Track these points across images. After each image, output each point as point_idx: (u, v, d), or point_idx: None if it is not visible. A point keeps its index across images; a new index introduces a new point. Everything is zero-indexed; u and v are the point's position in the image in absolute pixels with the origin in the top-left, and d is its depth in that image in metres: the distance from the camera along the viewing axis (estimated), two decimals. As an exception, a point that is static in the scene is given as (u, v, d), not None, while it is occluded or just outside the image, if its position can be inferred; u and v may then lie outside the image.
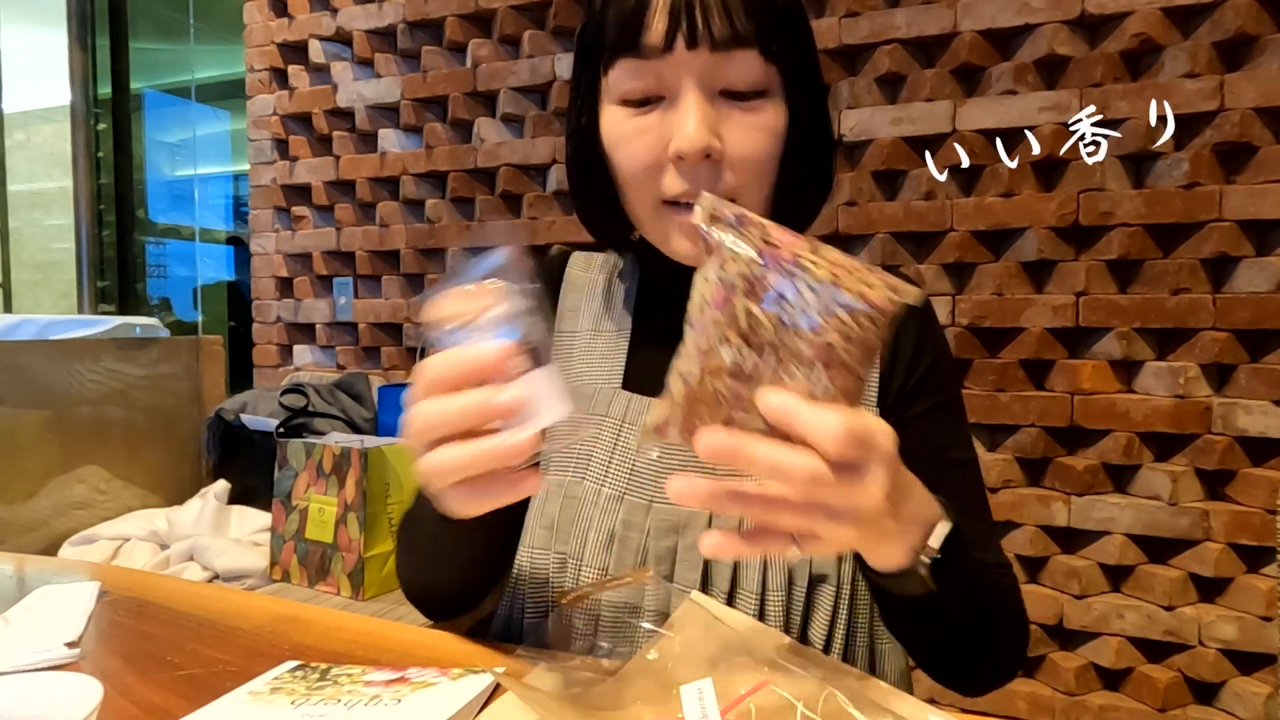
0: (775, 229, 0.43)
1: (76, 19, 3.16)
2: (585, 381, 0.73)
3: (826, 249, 0.43)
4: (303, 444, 1.72)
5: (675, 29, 0.59)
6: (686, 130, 0.60)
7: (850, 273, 0.41)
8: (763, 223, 0.44)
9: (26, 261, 3.52)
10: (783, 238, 0.43)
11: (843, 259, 0.42)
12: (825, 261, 0.42)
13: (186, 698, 0.56)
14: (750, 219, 0.44)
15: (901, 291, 0.42)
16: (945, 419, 0.71)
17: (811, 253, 0.42)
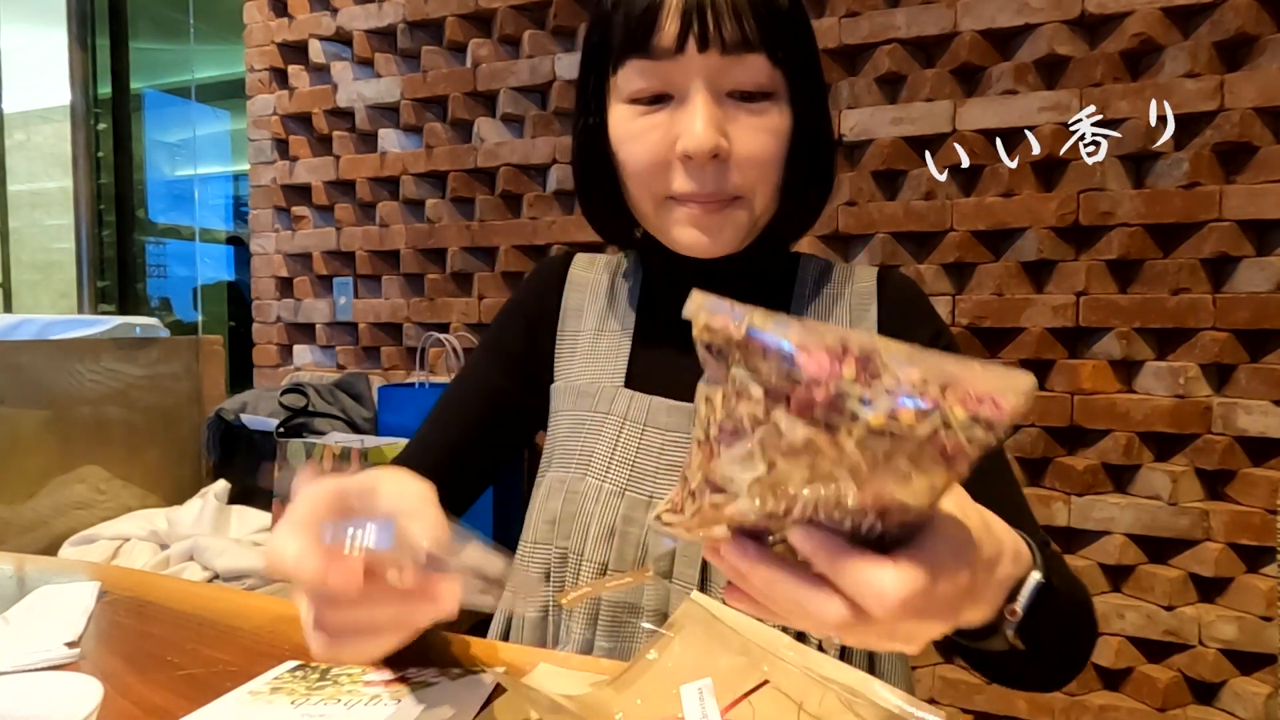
0: (797, 331, 0.33)
1: (76, 19, 3.16)
2: (589, 379, 0.74)
3: (881, 349, 0.32)
4: (303, 444, 1.72)
5: (687, 32, 0.60)
6: (695, 130, 0.61)
7: (925, 380, 0.31)
8: (784, 323, 0.34)
9: (26, 261, 3.52)
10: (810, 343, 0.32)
11: (911, 359, 0.32)
12: (888, 366, 0.31)
13: (186, 698, 0.56)
14: (760, 318, 0.34)
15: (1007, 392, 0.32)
16: None
17: (860, 366, 0.31)
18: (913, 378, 0.31)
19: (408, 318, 2.31)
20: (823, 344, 0.32)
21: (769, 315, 0.34)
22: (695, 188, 0.63)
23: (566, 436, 0.73)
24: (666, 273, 0.75)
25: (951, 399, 0.30)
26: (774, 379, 0.32)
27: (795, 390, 0.31)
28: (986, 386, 0.30)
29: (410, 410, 1.92)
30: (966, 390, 0.30)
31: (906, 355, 0.32)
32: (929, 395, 0.30)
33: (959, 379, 0.31)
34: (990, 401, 0.30)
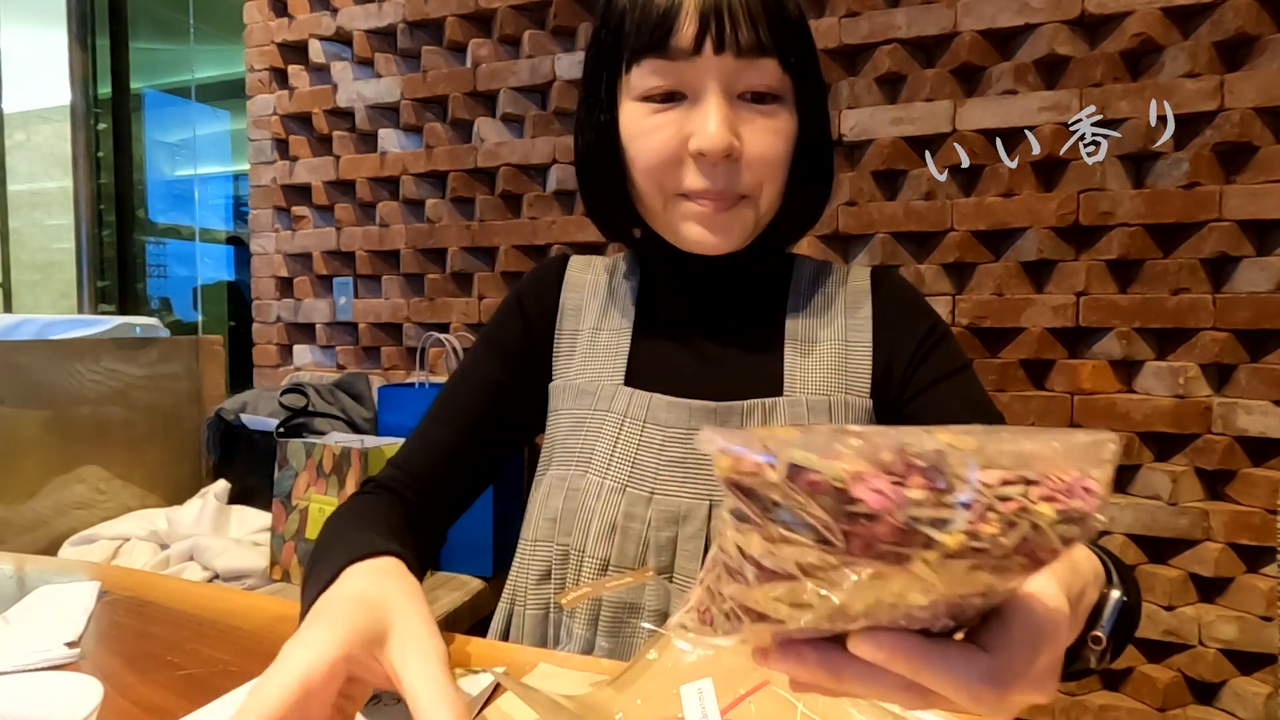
0: (847, 453, 0.27)
1: (76, 19, 3.16)
2: (588, 378, 0.74)
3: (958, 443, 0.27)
4: (303, 444, 1.72)
5: (704, 34, 0.62)
6: (709, 130, 0.63)
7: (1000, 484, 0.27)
8: (827, 443, 0.28)
9: (26, 261, 3.52)
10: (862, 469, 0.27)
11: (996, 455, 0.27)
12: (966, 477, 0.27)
13: (186, 698, 0.56)
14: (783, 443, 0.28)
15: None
16: (972, 379, 0.72)
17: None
18: (990, 481, 0.26)
19: (408, 318, 2.31)
20: (879, 463, 0.26)
21: (802, 436, 0.28)
22: (707, 185, 0.65)
23: (567, 434, 0.73)
24: (666, 271, 0.76)
25: (1037, 496, 0.27)
26: (827, 520, 0.27)
27: (855, 528, 0.26)
28: (1071, 466, 0.27)
29: (410, 410, 1.92)
30: (1051, 481, 0.27)
31: (977, 447, 0.27)
32: (1012, 501, 0.26)
33: (1040, 466, 0.27)
34: (1080, 489, 0.27)
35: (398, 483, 0.73)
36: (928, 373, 0.70)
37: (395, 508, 0.70)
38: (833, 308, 0.74)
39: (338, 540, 0.60)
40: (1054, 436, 0.28)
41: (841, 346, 0.72)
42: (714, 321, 0.74)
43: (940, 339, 0.72)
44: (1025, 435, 0.28)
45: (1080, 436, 0.28)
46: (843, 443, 0.27)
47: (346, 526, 0.64)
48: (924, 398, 0.70)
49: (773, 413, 0.69)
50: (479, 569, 1.74)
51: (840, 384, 0.71)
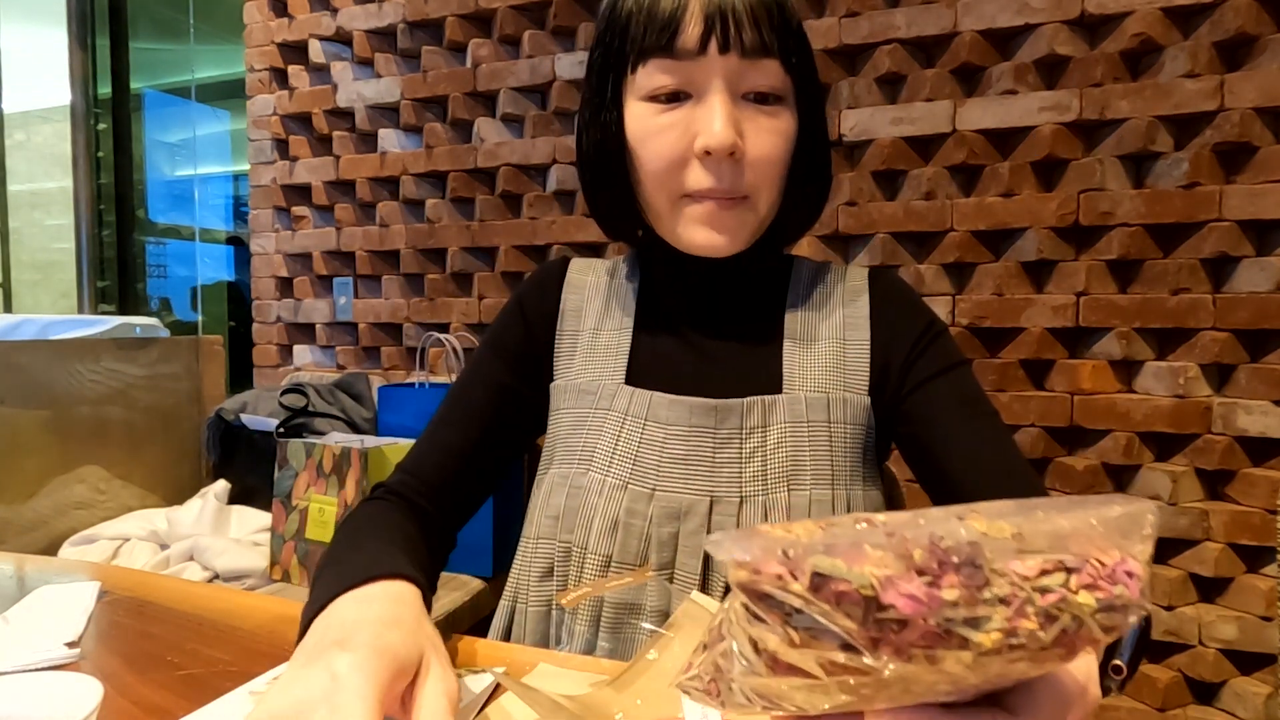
0: (875, 551, 0.25)
1: (76, 19, 3.16)
2: (589, 377, 0.75)
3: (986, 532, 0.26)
4: (303, 444, 1.72)
5: (709, 34, 0.64)
6: (714, 128, 0.64)
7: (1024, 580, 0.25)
8: (853, 542, 0.26)
9: (26, 261, 3.52)
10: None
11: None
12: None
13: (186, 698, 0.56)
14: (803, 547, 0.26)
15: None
16: (968, 376, 0.72)
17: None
18: (1029, 573, 0.24)
19: (408, 318, 2.31)
20: (911, 563, 0.24)
21: (824, 535, 0.26)
22: (712, 183, 0.66)
23: (569, 433, 0.74)
24: (666, 272, 0.76)
25: (1077, 585, 0.25)
26: (854, 628, 0.24)
27: (885, 635, 0.24)
28: (1110, 544, 0.25)
29: (410, 410, 1.92)
30: (1092, 565, 0.25)
31: (1013, 533, 0.25)
32: (1052, 593, 0.25)
33: (1079, 547, 0.25)
34: (1123, 573, 0.25)
35: (409, 489, 0.73)
36: (923, 369, 0.71)
37: (410, 516, 0.70)
38: (831, 306, 0.75)
39: (362, 547, 0.60)
40: (1091, 509, 0.26)
41: (839, 344, 0.73)
42: (714, 320, 0.75)
43: (936, 336, 0.73)
44: (1060, 510, 0.26)
45: (1117, 508, 0.26)
46: (870, 539, 0.25)
47: (367, 534, 0.64)
48: (919, 394, 0.70)
49: (771, 409, 0.69)
50: (479, 569, 1.74)
51: (839, 381, 0.71)
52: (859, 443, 0.71)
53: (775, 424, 0.69)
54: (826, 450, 0.69)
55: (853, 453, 0.71)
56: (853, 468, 0.70)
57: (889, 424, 0.73)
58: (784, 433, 0.69)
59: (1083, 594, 0.25)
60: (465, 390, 0.77)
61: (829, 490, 0.68)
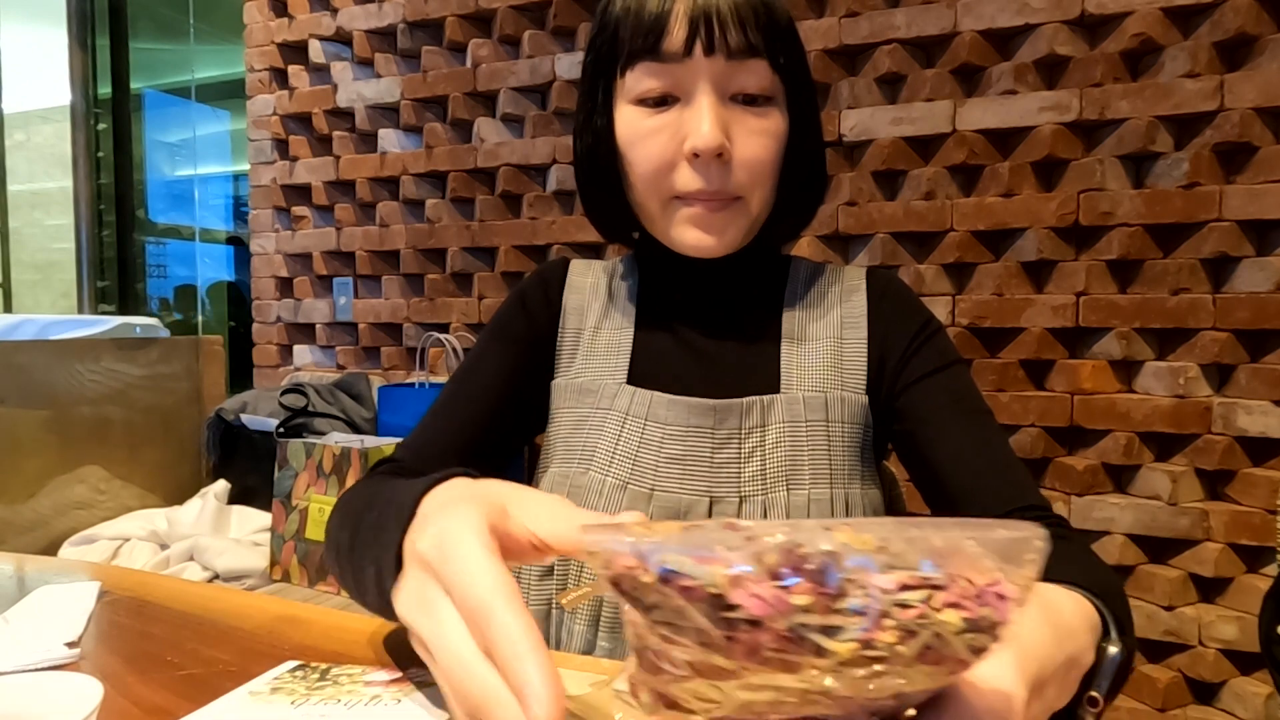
0: (731, 549, 0.25)
1: (76, 19, 3.16)
2: (590, 377, 0.75)
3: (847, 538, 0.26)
4: (303, 444, 1.72)
5: (694, 37, 0.64)
6: (702, 130, 0.64)
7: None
8: (709, 541, 0.26)
9: (26, 261, 3.52)
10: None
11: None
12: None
13: (186, 698, 0.56)
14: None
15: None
16: (963, 374, 0.72)
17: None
18: (888, 586, 0.24)
19: (408, 318, 2.31)
20: (764, 565, 0.24)
21: (683, 535, 0.26)
22: (701, 184, 0.66)
23: (569, 433, 0.74)
24: (664, 273, 0.76)
25: (942, 602, 0.25)
26: (707, 625, 0.25)
27: (738, 634, 0.24)
28: (990, 565, 0.25)
29: (410, 410, 1.92)
30: (960, 585, 0.25)
31: (877, 546, 0.25)
32: (911, 607, 0.24)
33: (952, 567, 0.25)
34: (992, 595, 0.25)
35: (414, 460, 0.71)
36: (917, 367, 0.71)
37: None
38: (828, 306, 0.75)
39: (379, 497, 0.52)
40: (974, 530, 0.26)
41: (837, 343, 0.73)
42: (711, 320, 0.75)
43: (932, 334, 0.73)
44: (941, 530, 0.26)
45: (1002, 532, 0.26)
46: (727, 542, 0.25)
47: (378, 487, 0.59)
48: (912, 391, 0.70)
49: (770, 409, 0.70)
50: (479, 569, 1.74)
51: (836, 380, 0.72)
52: (857, 442, 0.71)
53: (773, 424, 0.69)
54: (825, 449, 0.69)
55: (851, 452, 0.71)
56: (851, 467, 0.70)
57: (885, 421, 0.73)
58: (782, 432, 0.69)
59: (947, 612, 0.25)
60: (469, 376, 0.77)
61: (827, 489, 0.68)
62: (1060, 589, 0.44)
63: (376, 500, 0.53)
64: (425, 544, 0.34)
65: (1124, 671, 0.44)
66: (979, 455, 0.67)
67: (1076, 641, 0.39)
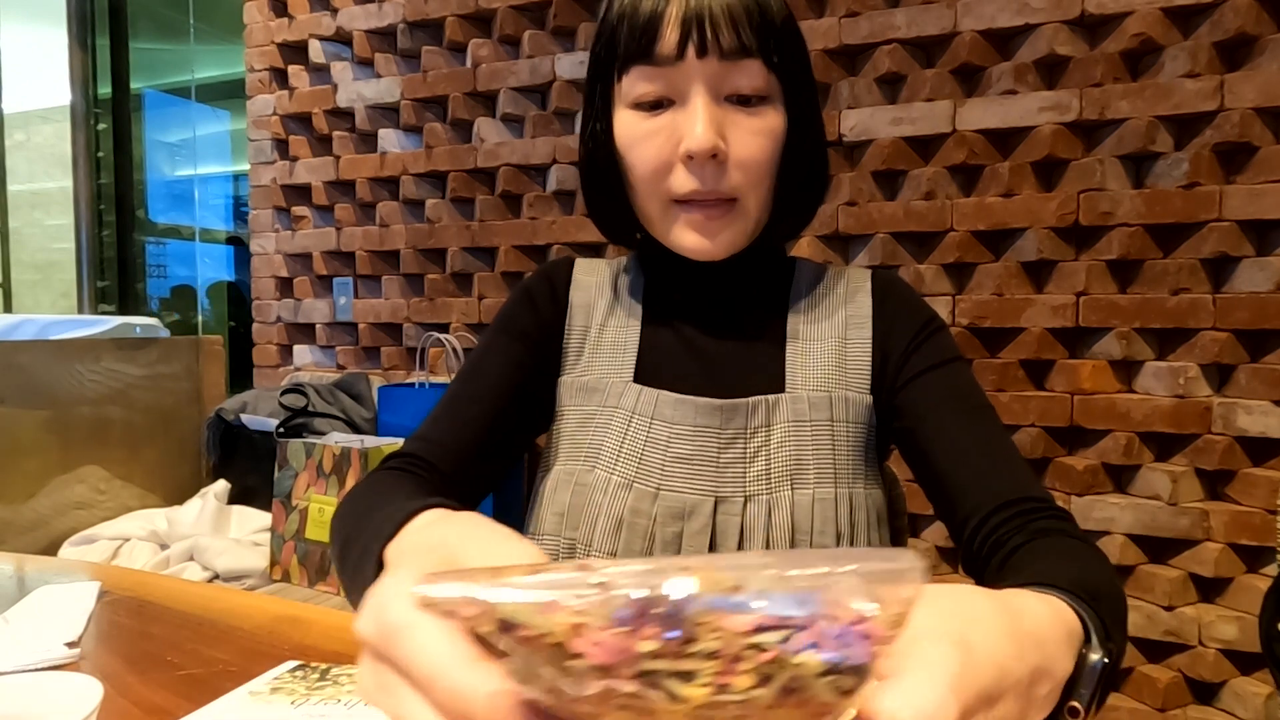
0: (576, 592, 0.25)
1: (76, 19, 3.16)
2: (596, 375, 0.75)
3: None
4: (303, 444, 1.72)
5: (686, 39, 0.64)
6: (695, 132, 0.64)
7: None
8: (549, 580, 0.26)
9: (26, 261, 3.52)
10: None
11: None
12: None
13: (186, 698, 0.56)
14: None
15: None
16: (963, 371, 0.72)
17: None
18: (740, 628, 0.23)
19: (408, 318, 2.31)
20: (607, 612, 0.24)
21: (534, 578, 0.25)
22: (696, 186, 0.66)
23: (575, 431, 0.74)
24: (668, 274, 0.77)
25: (800, 644, 0.24)
26: (554, 674, 0.24)
27: (586, 682, 0.24)
28: (854, 606, 0.24)
29: (410, 410, 1.92)
30: (822, 625, 0.24)
31: (734, 584, 0.24)
32: (766, 650, 0.23)
33: (815, 605, 0.24)
34: (856, 633, 0.24)
35: (426, 452, 0.70)
36: (918, 363, 0.71)
37: (417, 485, 0.67)
38: (833, 306, 0.75)
39: (362, 528, 0.54)
40: (848, 563, 0.25)
41: (841, 343, 0.73)
42: (716, 320, 0.75)
43: (934, 332, 0.73)
44: (808, 566, 0.25)
45: (876, 564, 0.25)
46: (575, 587, 0.24)
47: (371, 502, 0.60)
48: (913, 387, 0.70)
49: (775, 409, 0.70)
50: (479, 569, 1.74)
51: (840, 380, 0.72)
52: (861, 441, 0.71)
53: (779, 423, 0.69)
54: (829, 449, 0.69)
55: (855, 451, 0.71)
56: (855, 466, 0.71)
57: (887, 419, 0.73)
58: (787, 432, 0.69)
59: (806, 653, 0.24)
60: (480, 367, 0.76)
61: (832, 489, 0.69)
62: (1034, 594, 0.42)
63: (361, 531, 0.53)
64: (365, 625, 0.33)
65: (1109, 678, 0.41)
66: (978, 449, 0.67)
67: (1044, 651, 0.37)
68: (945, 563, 1.74)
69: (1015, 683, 0.33)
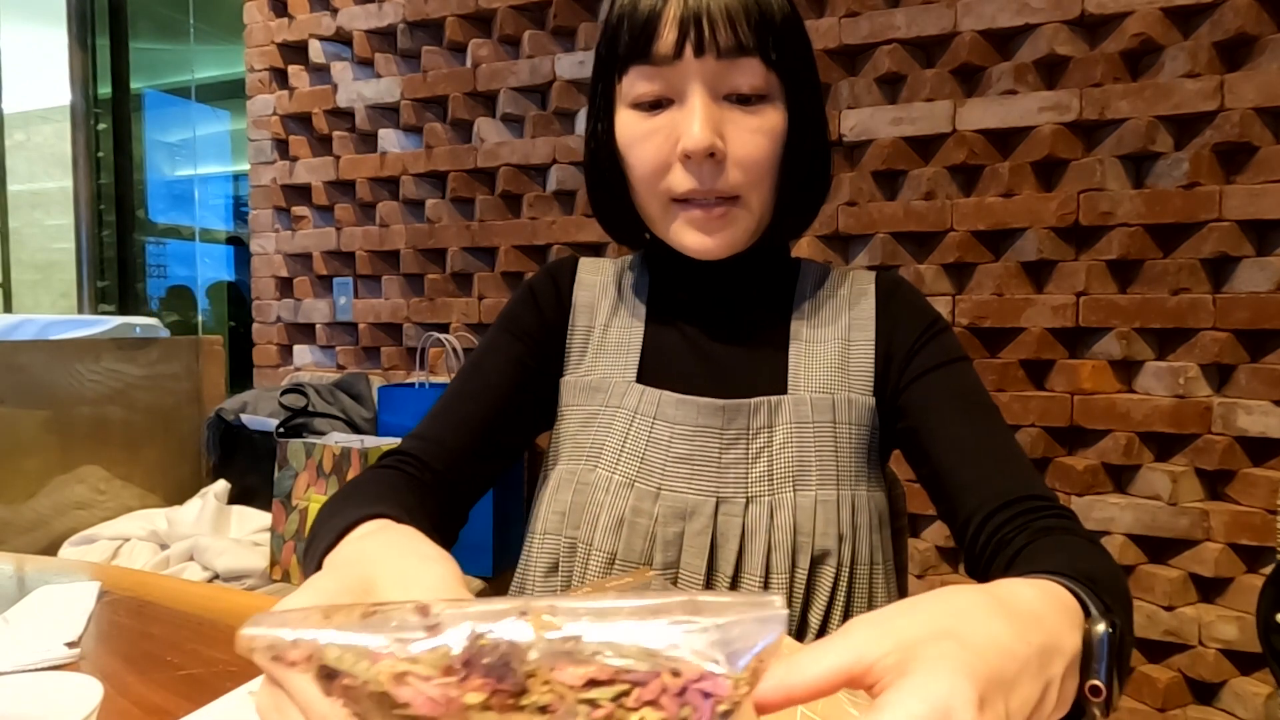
0: (399, 647, 0.24)
1: (76, 19, 3.16)
2: (599, 375, 0.75)
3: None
4: (303, 444, 1.72)
5: (684, 39, 0.64)
6: (693, 131, 0.64)
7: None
8: (379, 626, 0.25)
9: (26, 261, 3.52)
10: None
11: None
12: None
13: (186, 698, 0.56)
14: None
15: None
16: (967, 371, 0.72)
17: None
18: (574, 682, 0.22)
19: (408, 318, 2.31)
20: (434, 659, 0.23)
21: (366, 620, 0.24)
22: (695, 185, 0.66)
23: (578, 430, 0.74)
24: (673, 273, 0.76)
25: (638, 700, 0.23)
26: (383, 718, 0.23)
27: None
28: (697, 662, 0.23)
29: (410, 410, 1.92)
30: (663, 680, 0.23)
31: (571, 635, 0.23)
32: (600, 706, 0.22)
33: (658, 660, 0.23)
34: (696, 690, 0.23)
35: (423, 452, 0.70)
36: (921, 363, 0.71)
37: (406, 484, 0.67)
38: (837, 308, 0.75)
39: (320, 534, 0.56)
40: (708, 615, 0.23)
41: (844, 345, 0.73)
42: (721, 321, 0.75)
43: (938, 333, 0.73)
44: (660, 614, 0.23)
45: (736, 615, 0.23)
46: (405, 632, 0.23)
47: (335, 509, 0.60)
48: (916, 386, 0.70)
49: (778, 410, 0.70)
50: (479, 569, 1.74)
51: (843, 382, 0.72)
52: (864, 443, 0.71)
53: (781, 425, 0.69)
54: (832, 451, 0.69)
55: (858, 453, 0.71)
56: (858, 468, 0.71)
57: (890, 421, 0.73)
58: (790, 433, 0.69)
59: (646, 711, 0.23)
60: (478, 369, 0.76)
61: (834, 491, 0.68)
62: (1023, 580, 0.40)
63: (317, 535, 0.55)
64: (263, 699, 0.32)
65: (1121, 651, 0.40)
66: (982, 449, 0.67)
67: (1044, 628, 0.36)
68: (945, 563, 1.74)
69: (1025, 663, 0.32)
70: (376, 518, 0.52)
